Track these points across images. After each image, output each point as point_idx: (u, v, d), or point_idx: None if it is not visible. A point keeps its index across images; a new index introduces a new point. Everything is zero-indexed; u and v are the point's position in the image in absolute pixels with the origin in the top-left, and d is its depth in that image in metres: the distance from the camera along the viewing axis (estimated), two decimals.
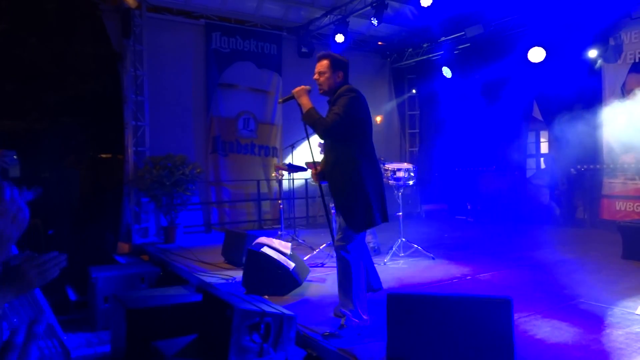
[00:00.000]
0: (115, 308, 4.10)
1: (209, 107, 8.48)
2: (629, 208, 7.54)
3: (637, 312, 3.55)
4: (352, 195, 3.21)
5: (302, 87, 3.34)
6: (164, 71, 8.03)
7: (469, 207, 9.59)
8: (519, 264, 5.33)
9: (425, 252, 5.85)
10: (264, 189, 8.96)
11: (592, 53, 7.77)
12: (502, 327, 2.45)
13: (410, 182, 5.90)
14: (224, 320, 3.09)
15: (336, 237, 3.35)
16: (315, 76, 3.37)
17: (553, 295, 4.09)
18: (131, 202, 7.53)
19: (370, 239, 5.68)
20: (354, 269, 3.25)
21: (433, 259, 5.67)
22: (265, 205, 9.03)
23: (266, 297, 4.11)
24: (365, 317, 3.29)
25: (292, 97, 3.40)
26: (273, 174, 6.92)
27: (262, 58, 9.03)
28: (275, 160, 8.87)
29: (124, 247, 7.29)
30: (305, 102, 3.29)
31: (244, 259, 4.69)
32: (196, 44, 8.43)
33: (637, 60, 7.56)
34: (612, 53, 7.80)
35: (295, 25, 9.22)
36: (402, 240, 5.89)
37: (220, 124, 8.58)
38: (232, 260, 5.57)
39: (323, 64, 3.34)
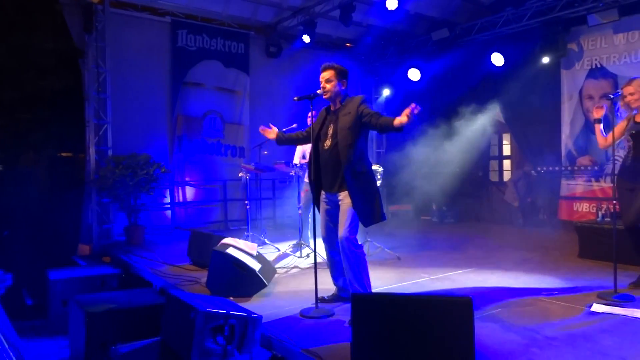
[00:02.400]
0: (74, 312, 3.98)
1: (175, 106, 8.33)
2: (585, 209, 7.83)
3: (592, 309, 3.68)
4: (366, 191, 3.59)
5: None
6: (128, 68, 7.84)
7: (433, 207, 9.75)
8: (481, 264, 5.45)
9: (390, 251, 5.92)
10: (230, 189, 8.86)
11: (552, 58, 8.03)
12: (462, 326, 2.49)
13: (378, 183, 5.94)
14: (187, 322, 3.04)
15: (340, 235, 3.56)
16: (323, 84, 3.71)
17: (513, 293, 4.20)
18: (92, 203, 7.31)
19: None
20: (364, 258, 3.60)
21: (399, 259, 5.74)
22: (232, 206, 8.94)
23: (231, 298, 4.07)
24: None
25: (310, 97, 3.66)
26: (240, 174, 6.84)
27: (230, 57, 8.93)
28: (242, 161, 8.79)
29: (84, 249, 7.08)
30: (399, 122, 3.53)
31: (209, 260, 4.62)
32: (161, 41, 8.27)
33: (593, 66, 7.86)
34: (570, 59, 8.09)
35: (263, 25, 9.17)
36: (368, 241, 5.94)
37: (186, 123, 8.44)
38: (197, 262, 5.49)
39: (329, 73, 3.69)
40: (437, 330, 2.54)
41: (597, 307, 3.70)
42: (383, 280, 4.72)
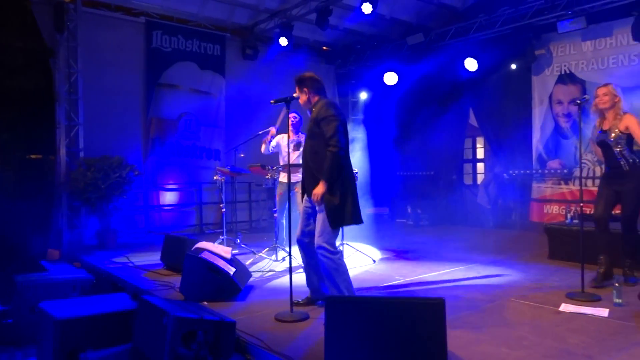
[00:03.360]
0: (42, 319, 3.87)
1: (149, 108, 8.22)
2: (555, 211, 8.02)
3: (561, 308, 3.77)
4: (338, 194, 3.52)
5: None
6: (101, 69, 7.70)
7: (409, 210, 9.85)
8: (454, 265, 5.53)
9: (366, 254, 5.95)
10: (206, 192, 8.78)
11: (522, 64, 8.22)
12: (435, 328, 2.52)
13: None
14: (159, 328, 3.00)
15: (317, 240, 3.53)
16: (296, 93, 3.78)
17: (485, 294, 4.27)
18: (62, 206, 7.15)
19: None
20: (342, 263, 3.54)
21: (373, 262, 5.78)
22: (207, 209, 8.85)
23: (205, 303, 4.03)
24: None
25: (286, 100, 3.70)
26: (215, 177, 6.78)
27: (205, 59, 8.86)
28: (217, 164, 8.72)
29: (54, 253, 6.90)
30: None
31: (183, 264, 4.57)
32: (135, 42, 8.15)
33: (563, 72, 8.07)
34: (540, 65, 8.30)
35: (239, 27, 9.13)
36: (343, 244, 5.96)
37: (160, 125, 8.33)
38: (171, 266, 5.41)
39: (298, 88, 3.76)
40: (410, 331, 2.56)
41: (565, 307, 3.79)
42: (358, 283, 4.73)
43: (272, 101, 3.77)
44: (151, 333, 3.12)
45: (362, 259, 5.87)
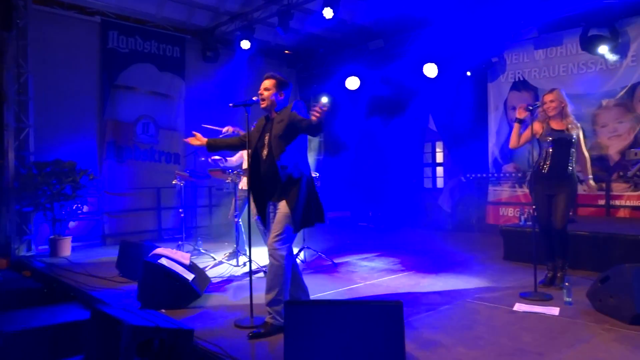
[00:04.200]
0: None
1: (104, 110, 7.97)
2: (510, 213, 8.28)
3: (515, 308, 3.89)
4: (300, 199, 3.51)
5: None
6: (53, 69, 7.41)
7: (370, 214, 9.94)
8: (414, 268, 5.61)
9: (327, 258, 5.97)
10: (164, 197, 8.58)
11: (479, 71, 8.47)
12: (394, 330, 2.55)
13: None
14: (113, 338, 2.91)
15: (270, 241, 3.49)
16: (261, 91, 3.68)
17: (443, 296, 4.36)
18: (11, 212, 6.82)
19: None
20: (288, 270, 3.47)
21: (335, 265, 5.80)
22: (166, 214, 8.66)
23: (163, 311, 3.93)
24: None
25: (244, 104, 3.65)
26: (174, 182, 6.65)
27: (164, 61, 8.68)
28: (177, 167, 8.55)
29: (1, 262, 6.58)
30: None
31: (139, 271, 4.44)
32: (90, 41, 7.89)
33: (517, 79, 8.35)
34: (495, 72, 8.57)
35: (199, 29, 9.00)
36: (305, 247, 5.96)
37: (116, 128, 8.09)
38: (127, 273, 5.26)
39: (270, 82, 3.67)
40: (369, 334, 2.58)
41: (519, 306, 3.91)
42: (318, 286, 4.74)
43: (231, 104, 3.71)
44: (104, 344, 3.02)
45: (323, 262, 5.88)
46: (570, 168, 4.35)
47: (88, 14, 7.88)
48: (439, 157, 10.10)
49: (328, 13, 6.98)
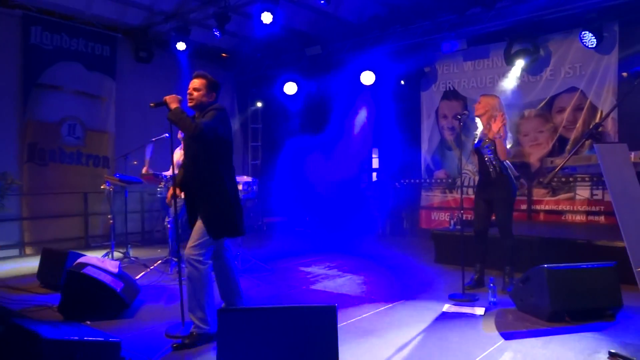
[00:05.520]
0: None
1: (25, 110, 7.47)
2: (442, 218, 8.61)
3: (444, 309, 4.04)
4: (216, 204, 3.37)
5: (175, 95, 3.37)
6: None
7: (307, 219, 9.99)
8: (349, 272, 5.69)
9: (263, 264, 5.92)
10: (92, 202, 8.16)
11: (412, 80, 8.77)
12: (327, 334, 2.56)
13: (251, 195, 5.93)
14: (32, 354, 2.72)
15: (187, 248, 3.35)
16: (190, 91, 3.49)
17: (376, 299, 4.45)
18: None
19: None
20: (206, 278, 3.35)
21: (270, 270, 5.77)
22: (94, 221, 8.23)
23: (88, 322, 3.74)
24: (214, 325, 3.30)
25: (164, 103, 3.37)
26: (102, 187, 6.34)
27: (93, 59, 8.27)
28: (106, 171, 8.16)
29: None
30: (175, 106, 3.33)
31: (62, 281, 4.20)
32: (10, 37, 7.36)
33: (447, 89, 8.73)
34: (428, 81, 8.91)
35: (132, 28, 8.67)
36: (240, 253, 5.88)
37: (39, 129, 7.59)
38: (49, 283, 4.95)
39: (200, 82, 3.49)
40: (302, 339, 2.57)
41: (448, 308, 4.07)
42: (254, 293, 4.69)
43: (151, 104, 3.45)
44: None
45: (259, 268, 5.83)
46: (498, 169, 4.55)
47: (8, 7, 7.36)
48: (375, 163, 10.32)
49: (267, 18, 6.95)
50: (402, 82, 8.75)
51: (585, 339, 3.26)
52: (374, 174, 10.44)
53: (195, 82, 3.49)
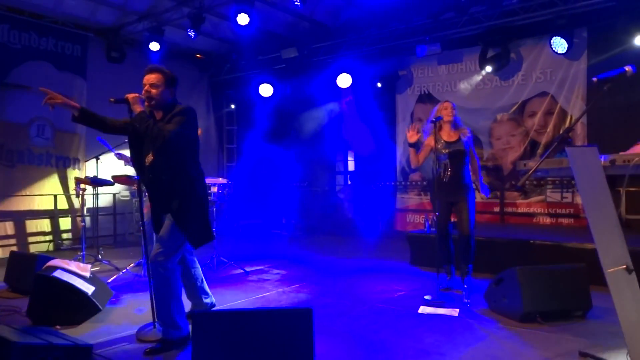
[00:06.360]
0: None
1: None
2: (417, 220, 8.70)
3: (419, 311, 4.07)
4: (192, 211, 3.25)
5: (136, 94, 3.20)
6: None
7: (283, 221, 9.96)
8: (325, 274, 5.69)
9: (239, 266, 5.87)
10: (62, 204, 7.95)
11: (387, 83, 8.85)
12: (303, 337, 2.55)
13: (225, 197, 5.89)
14: (0, 358, 2.63)
15: (154, 253, 3.22)
16: (146, 88, 3.23)
17: (352, 301, 4.46)
18: None
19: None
20: (175, 283, 3.27)
21: (246, 273, 5.72)
22: (64, 223, 8.03)
23: (58, 327, 3.64)
24: (184, 328, 3.31)
25: (126, 101, 3.19)
26: (73, 188, 6.19)
27: (63, 59, 8.08)
28: (76, 173, 7.97)
29: None
30: (139, 109, 3.15)
31: (31, 285, 4.07)
32: None
33: (422, 92, 8.83)
34: (403, 84, 9.00)
35: (103, 28, 8.49)
36: (215, 256, 5.83)
37: (5, 129, 7.36)
38: (17, 287, 4.80)
39: (157, 77, 3.23)
40: (278, 342, 2.55)
41: (423, 309, 4.10)
42: (229, 295, 4.65)
43: (111, 99, 3.27)
44: None
45: (234, 271, 5.78)
46: (466, 176, 4.63)
47: None
48: (351, 165, 10.36)
49: (243, 19, 6.91)
50: (379, 84, 8.82)
51: (557, 340, 3.33)
52: (349, 177, 10.48)
53: (151, 78, 3.22)
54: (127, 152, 5.62)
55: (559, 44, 6.89)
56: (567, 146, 2.54)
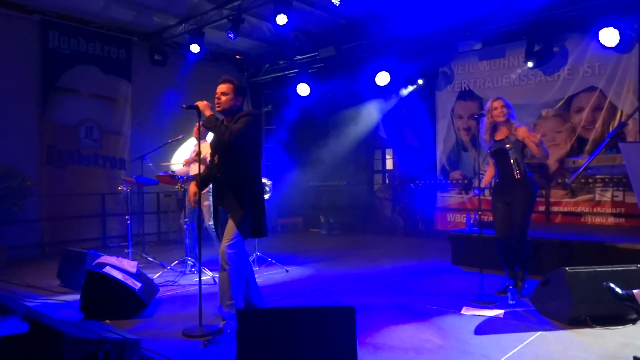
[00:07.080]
0: None
1: (44, 113, 7.59)
2: (457, 219, 8.54)
3: (462, 311, 4.00)
4: (247, 207, 3.52)
5: (206, 102, 3.59)
6: None
7: (322, 220, 9.98)
8: (365, 274, 5.67)
9: (279, 264, 5.93)
10: (109, 203, 8.25)
11: (427, 81, 8.73)
12: (345, 335, 2.56)
13: (267, 196, 5.95)
14: (54, 352, 2.75)
15: (225, 245, 3.50)
16: (218, 95, 3.65)
17: (393, 301, 4.42)
18: None
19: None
20: (240, 275, 3.51)
21: (286, 271, 5.77)
22: (111, 222, 8.33)
23: (108, 321, 3.77)
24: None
25: (196, 108, 3.56)
26: (120, 188, 6.41)
27: (109, 63, 8.38)
28: (122, 173, 8.25)
29: None
30: (209, 113, 3.56)
31: (83, 281, 4.24)
32: (29, 41, 7.49)
33: (463, 89, 8.66)
34: (443, 81, 8.85)
35: (147, 32, 8.75)
36: (256, 254, 5.90)
37: (57, 131, 7.71)
38: (69, 283, 5.01)
39: (227, 87, 3.65)
40: (321, 340, 2.57)
41: (466, 310, 4.03)
42: (271, 292, 4.70)
43: (184, 106, 3.64)
44: (45, 358, 2.85)
45: (276, 269, 5.84)
46: (518, 174, 4.38)
47: (26, 12, 7.49)
48: (389, 164, 10.28)
49: (281, 20, 6.97)
50: (420, 82, 8.70)
51: (609, 344, 3.20)
52: (388, 175, 10.40)
53: (223, 87, 3.65)
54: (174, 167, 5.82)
55: (609, 37, 6.58)
56: (620, 142, 2.43)
